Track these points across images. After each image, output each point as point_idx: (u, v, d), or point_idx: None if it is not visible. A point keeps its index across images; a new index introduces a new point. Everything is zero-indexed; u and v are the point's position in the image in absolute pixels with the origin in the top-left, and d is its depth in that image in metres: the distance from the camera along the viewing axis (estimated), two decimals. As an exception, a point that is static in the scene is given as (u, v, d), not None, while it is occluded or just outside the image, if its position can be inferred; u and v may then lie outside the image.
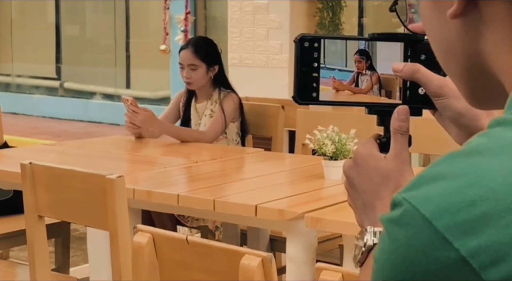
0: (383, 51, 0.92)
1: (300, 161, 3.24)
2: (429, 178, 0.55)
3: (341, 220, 2.20)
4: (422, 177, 0.56)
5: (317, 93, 0.90)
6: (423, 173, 0.56)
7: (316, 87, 0.90)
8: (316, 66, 0.90)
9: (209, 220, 3.52)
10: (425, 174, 0.56)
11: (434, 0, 0.68)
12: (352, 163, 0.91)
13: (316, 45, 0.90)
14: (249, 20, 5.56)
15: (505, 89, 0.66)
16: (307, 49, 0.90)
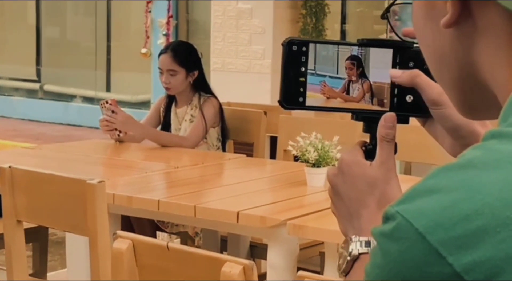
0: (375, 58, 0.90)
1: (282, 167, 3.23)
2: (423, 191, 0.54)
3: (323, 228, 2.19)
4: (415, 189, 0.55)
5: (304, 99, 0.88)
6: (416, 185, 0.55)
7: (303, 92, 0.88)
8: (304, 70, 0.88)
9: (189, 226, 3.49)
10: (419, 186, 0.55)
11: (427, 9, 0.68)
12: (337, 170, 0.90)
13: (304, 49, 0.88)
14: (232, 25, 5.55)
15: (497, 100, 0.65)
16: (294, 53, 0.88)
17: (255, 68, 5.42)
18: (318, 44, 0.89)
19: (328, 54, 0.89)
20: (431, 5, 0.67)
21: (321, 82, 0.89)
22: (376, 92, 0.90)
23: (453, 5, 0.63)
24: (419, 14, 0.70)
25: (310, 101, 0.89)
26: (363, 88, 0.90)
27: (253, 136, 3.82)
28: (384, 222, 0.56)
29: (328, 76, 0.89)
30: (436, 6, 0.66)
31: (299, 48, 0.88)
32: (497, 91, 0.64)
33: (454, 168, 0.54)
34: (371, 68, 0.90)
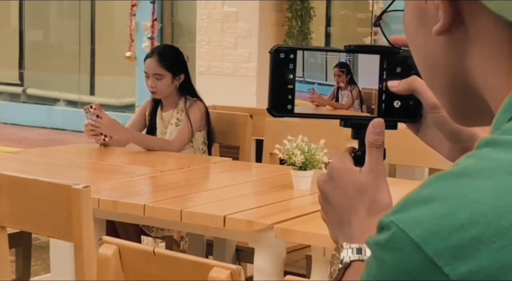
0: (363, 64, 0.90)
1: (268, 170, 3.22)
2: (418, 200, 0.53)
3: (311, 231, 2.18)
4: (410, 199, 0.54)
5: (292, 106, 0.88)
6: (411, 194, 0.54)
7: (291, 99, 0.88)
8: (292, 78, 0.88)
9: (174, 230, 3.47)
10: (413, 195, 0.54)
11: (419, 17, 0.67)
12: (327, 177, 0.89)
13: (292, 57, 0.88)
14: (217, 28, 5.54)
15: (490, 107, 0.64)
16: (282, 61, 0.88)
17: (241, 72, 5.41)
18: (306, 51, 0.88)
19: (316, 61, 0.89)
20: (422, 12, 0.67)
21: (309, 90, 0.88)
22: (365, 98, 0.90)
23: (445, 12, 0.62)
24: (411, 21, 0.69)
25: (299, 108, 0.88)
26: (352, 95, 0.90)
27: (239, 140, 3.81)
28: (379, 231, 0.55)
29: (316, 83, 0.89)
30: (427, 13, 0.66)
31: (287, 55, 0.88)
32: (489, 98, 0.63)
33: (448, 177, 0.54)
34: (359, 74, 0.90)
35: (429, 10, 0.65)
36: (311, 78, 0.88)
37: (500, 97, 0.60)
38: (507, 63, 0.60)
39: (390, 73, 0.90)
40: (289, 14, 5.38)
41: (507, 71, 0.60)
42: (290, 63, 0.88)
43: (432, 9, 0.65)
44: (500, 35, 0.60)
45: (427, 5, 0.66)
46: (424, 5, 0.66)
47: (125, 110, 9.04)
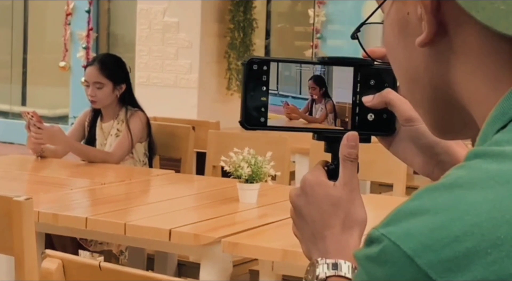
0: (337, 78, 0.89)
1: (212, 183, 3.17)
2: (409, 213, 0.52)
3: (259, 245, 2.15)
4: (400, 211, 0.53)
5: (265, 119, 0.86)
6: (400, 207, 0.53)
7: (265, 112, 0.86)
8: (265, 90, 0.86)
9: (114, 244, 3.39)
10: (403, 208, 0.53)
11: (400, 28, 0.66)
12: (300, 191, 0.88)
13: (265, 68, 0.86)
14: (158, 39, 5.47)
15: (472, 120, 0.64)
16: (255, 73, 0.86)
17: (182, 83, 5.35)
18: (280, 63, 0.87)
19: (290, 74, 0.87)
20: (404, 24, 0.66)
21: (283, 103, 0.87)
22: (339, 112, 0.89)
23: (428, 24, 0.61)
24: (391, 32, 0.68)
25: (272, 122, 0.87)
26: (326, 108, 0.89)
27: (181, 152, 3.76)
28: (368, 245, 0.54)
29: (290, 96, 0.87)
30: (409, 25, 0.65)
31: (260, 67, 0.86)
32: (474, 111, 0.63)
33: (439, 189, 0.53)
34: (334, 88, 0.89)
35: (411, 22, 0.64)
36: (285, 91, 0.87)
37: (486, 110, 0.60)
38: (493, 75, 0.60)
39: (364, 86, 0.89)
40: (231, 25, 5.36)
41: (493, 83, 0.60)
42: (263, 75, 0.86)
43: (414, 21, 0.64)
44: (485, 46, 0.59)
45: (409, 17, 0.65)
46: (406, 17, 0.65)
47: (58, 122, 8.85)
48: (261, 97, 0.86)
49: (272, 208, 2.62)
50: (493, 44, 0.59)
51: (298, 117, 0.88)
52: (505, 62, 0.59)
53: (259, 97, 0.86)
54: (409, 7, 0.64)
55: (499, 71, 0.59)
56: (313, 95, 0.88)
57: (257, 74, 0.86)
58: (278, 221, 2.39)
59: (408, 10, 0.64)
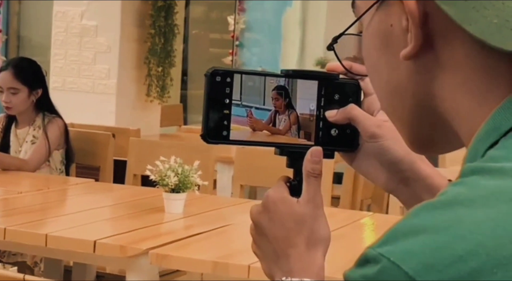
0: (302, 89, 0.87)
1: (134, 192, 3.09)
2: (407, 232, 0.50)
3: (188, 257, 2.11)
4: (397, 230, 0.51)
5: (228, 132, 0.83)
6: (397, 226, 0.51)
7: (227, 125, 0.83)
8: (228, 102, 0.83)
9: (28, 255, 3.26)
10: (400, 227, 0.51)
11: (383, 40, 0.64)
12: (262, 208, 0.85)
13: (228, 80, 0.83)
14: (75, 43, 5.32)
15: (454, 135, 0.63)
16: (218, 84, 0.83)
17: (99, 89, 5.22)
18: (244, 75, 0.84)
19: (254, 85, 0.84)
20: (387, 35, 0.64)
21: (246, 114, 0.84)
22: (303, 124, 0.87)
23: (415, 36, 0.59)
24: (372, 44, 0.66)
25: (235, 134, 0.84)
26: (290, 120, 0.86)
27: (100, 160, 3.66)
28: (362, 265, 0.51)
29: (254, 107, 0.84)
30: (392, 36, 0.63)
31: (223, 79, 0.83)
32: (458, 126, 0.61)
33: (437, 206, 0.51)
34: (298, 99, 0.86)
35: (394, 33, 0.63)
36: (248, 102, 0.84)
37: (472, 125, 0.59)
38: (480, 90, 0.58)
39: (328, 100, 0.87)
40: (152, 31, 5.27)
41: (479, 98, 0.58)
42: (226, 87, 0.83)
43: (398, 33, 0.62)
44: (473, 60, 0.58)
45: (392, 28, 0.63)
46: (389, 28, 0.63)
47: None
48: (223, 110, 0.83)
49: (199, 218, 2.58)
50: (482, 58, 0.58)
51: (262, 128, 0.85)
52: (493, 78, 0.58)
53: (221, 110, 0.83)
54: (392, 18, 0.62)
55: (487, 86, 0.58)
56: (276, 106, 0.85)
57: (220, 86, 0.83)
58: (206, 231, 2.35)
59: (391, 22, 0.63)
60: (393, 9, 0.62)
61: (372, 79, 0.69)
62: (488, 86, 0.58)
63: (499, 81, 0.57)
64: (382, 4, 0.63)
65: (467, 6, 0.56)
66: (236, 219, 2.62)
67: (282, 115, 0.86)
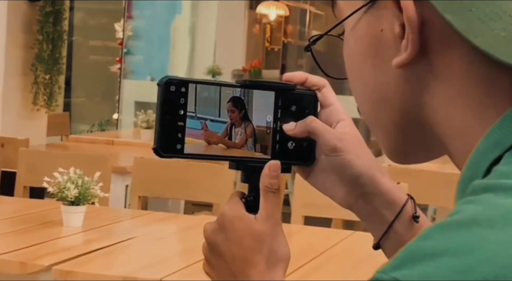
0: (258, 100, 0.83)
1: (28, 205, 2.95)
2: (423, 255, 0.46)
3: (95, 273, 2.03)
4: (412, 252, 0.47)
5: (182, 145, 0.79)
6: (409, 248, 0.48)
7: (181, 138, 0.79)
8: (183, 114, 0.78)
9: None
10: (414, 249, 0.47)
11: (371, 45, 0.61)
12: (217, 226, 0.81)
13: (183, 90, 0.78)
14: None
15: (440, 146, 0.61)
16: (172, 94, 0.78)
17: (-17, 96, 4.98)
18: (199, 85, 0.79)
19: (209, 96, 0.80)
20: (376, 41, 0.61)
21: (201, 126, 0.80)
22: (259, 137, 0.83)
23: (412, 44, 0.57)
24: (357, 50, 0.63)
25: (189, 148, 0.79)
26: (246, 133, 0.83)
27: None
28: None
29: (209, 119, 0.80)
30: (382, 42, 0.60)
31: (178, 88, 0.78)
32: (449, 138, 0.59)
33: (453, 227, 0.48)
34: (254, 111, 0.83)
35: (384, 39, 0.60)
36: (203, 113, 0.80)
37: (470, 138, 0.57)
38: (477, 102, 0.56)
39: (284, 112, 0.84)
40: (39, 37, 5.07)
41: (478, 111, 0.56)
42: (181, 97, 0.78)
43: (389, 38, 0.59)
44: (472, 72, 0.56)
45: (382, 34, 0.60)
46: (379, 34, 0.60)
47: None
48: (178, 122, 0.78)
49: (99, 231, 2.49)
50: (481, 70, 0.56)
51: (217, 142, 0.81)
52: (492, 90, 0.56)
53: (176, 122, 0.78)
54: (383, 23, 0.60)
55: (485, 98, 0.56)
56: (232, 119, 0.82)
57: (174, 96, 0.78)
58: (110, 245, 2.27)
59: (382, 27, 0.60)
60: (384, 13, 0.59)
61: (354, 85, 0.66)
62: (486, 98, 0.56)
63: (498, 94, 0.56)
64: (371, 7, 0.61)
65: (472, 17, 0.54)
66: (139, 232, 2.55)
67: (238, 128, 0.82)
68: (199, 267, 2.14)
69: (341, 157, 0.81)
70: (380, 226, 0.83)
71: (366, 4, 0.61)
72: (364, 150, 0.83)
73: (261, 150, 0.83)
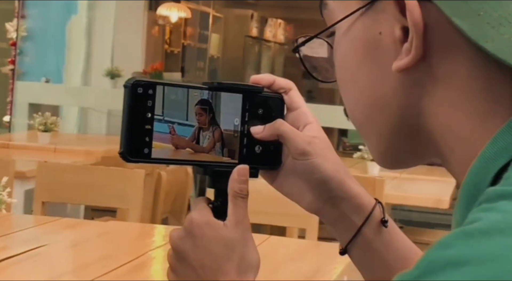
0: (226, 103, 0.82)
1: None
2: (446, 264, 0.45)
3: None
4: (432, 262, 0.46)
5: (150, 150, 0.76)
6: (428, 257, 0.47)
7: (149, 142, 0.76)
8: (150, 117, 0.76)
9: None
10: (436, 258, 0.46)
11: (368, 48, 0.60)
12: (185, 233, 0.78)
13: (150, 92, 0.76)
14: None
15: (436, 152, 0.60)
16: (140, 97, 0.76)
17: None
18: (167, 87, 0.77)
19: (177, 98, 0.78)
20: (373, 44, 0.60)
21: (169, 130, 0.78)
22: (227, 141, 0.82)
23: (416, 48, 0.56)
24: (351, 52, 0.62)
25: (157, 152, 0.77)
26: (214, 136, 0.81)
27: None
28: None
29: (177, 123, 0.78)
30: (380, 45, 0.59)
31: (145, 90, 0.76)
32: (451, 143, 0.58)
33: (475, 235, 0.47)
34: (222, 114, 0.81)
35: (383, 43, 0.59)
36: (171, 117, 0.78)
37: (473, 143, 0.56)
38: (482, 107, 0.56)
39: (252, 114, 0.83)
40: None
41: (482, 116, 0.56)
42: (148, 100, 0.76)
43: (388, 42, 0.58)
44: (476, 76, 0.56)
45: (381, 37, 0.59)
46: (377, 36, 0.59)
47: None
48: (145, 125, 0.76)
49: (8, 238, 2.38)
50: (485, 75, 0.55)
51: (185, 146, 0.79)
52: (497, 95, 0.55)
53: (143, 125, 0.76)
54: (382, 26, 0.58)
55: (490, 103, 0.56)
56: (200, 122, 0.80)
57: (141, 98, 0.76)
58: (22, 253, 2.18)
59: (380, 29, 0.59)
60: (383, 16, 0.58)
61: (345, 89, 0.64)
62: (491, 103, 0.56)
63: (502, 99, 0.55)
64: (368, 10, 0.59)
65: (481, 22, 0.53)
66: (50, 239, 2.46)
67: (206, 132, 0.80)
68: (119, 273, 2.07)
69: (310, 160, 0.80)
70: (347, 231, 0.83)
71: (363, 6, 0.60)
72: (332, 153, 0.82)
73: (228, 154, 0.82)
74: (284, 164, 0.84)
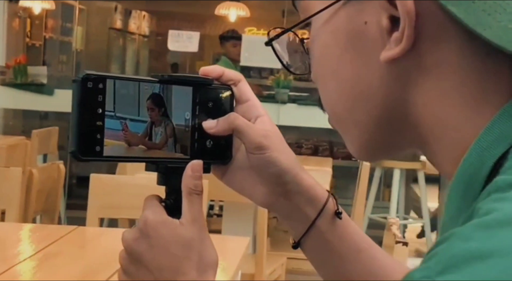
0: (177, 97, 0.79)
1: None
2: (469, 257, 0.44)
3: None
4: (454, 255, 0.45)
5: (101, 147, 0.72)
6: (449, 250, 0.45)
7: (100, 139, 0.72)
8: (101, 113, 0.72)
9: None
10: (456, 251, 0.45)
11: (352, 39, 0.59)
12: (139, 234, 0.75)
13: (101, 87, 0.72)
14: None
15: (420, 142, 0.59)
16: (90, 92, 0.71)
17: None
18: (117, 81, 0.73)
19: (129, 93, 0.75)
20: (357, 34, 0.58)
21: (121, 127, 0.74)
22: (179, 136, 0.79)
23: (408, 38, 0.55)
24: (333, 43, 0.60)
25: (109, 150, 0.73)
26: (166, 132, 0.78)
27: None
28: None
29: (129, 119, 0.74)
30: (365, 36, 0.58)
31: (95, 85, 0.72)
32: (440, 133, 0.57)
33: (494, 226, 0.46)
34: (173, 108, 0.78)
35: (368, 32, 0.58)
36: (123, 112, 0.74)
37: (466, 132, 0.55)
38: (474, 96, 0.55)
39: (202, 108, 0.80)
40: None
41: (475, 104, 0.55)
42: (99, 95, 0.72)
43: (374, 32, 0.57)
44: (469, 64, 0.55)
45: (366, 27, 0.58)
46: (362, 26, 0.58)
47: None
48: (96, 122, 0.72)
49: None
50: (477, 63, 0.55)
51: (138, 143, 0.76)
52: (491, 83, 0.55)
53: (94, 122, 0.72)
54: (367, 15, 0.57)
55: (484, 91, 0.55)
56: (152, 117, 0.76)
57: (92, 93, 0.71)
58: None
59: (365, 19, 0.57)
60: (368, 5, 0.57)
61: (325, 82, 0.63)
62: (485, 91, 0.55)
63: (495, 86, 0.55)
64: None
65: (476, 9, 0.53)
66: None
67: (159, 127, 0.77)
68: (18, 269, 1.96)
69: (266, 154, 0.78)
70: (301, 224, 0.82)
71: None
72: (286, 146, 0.81)
73: (181, 150, 0.79)
74: (234, 157, 0.82)
